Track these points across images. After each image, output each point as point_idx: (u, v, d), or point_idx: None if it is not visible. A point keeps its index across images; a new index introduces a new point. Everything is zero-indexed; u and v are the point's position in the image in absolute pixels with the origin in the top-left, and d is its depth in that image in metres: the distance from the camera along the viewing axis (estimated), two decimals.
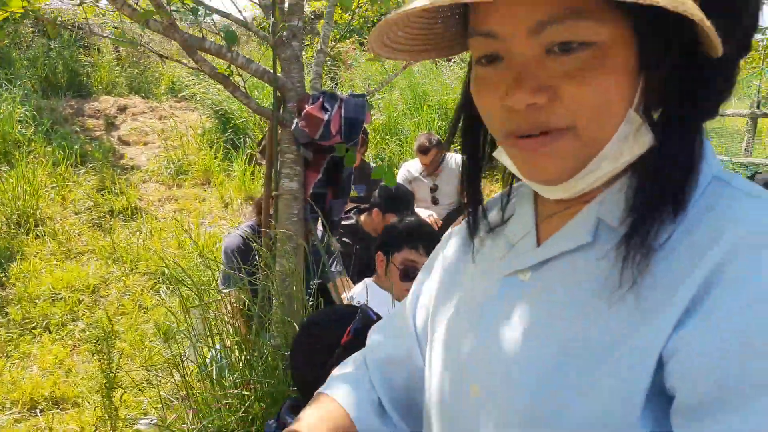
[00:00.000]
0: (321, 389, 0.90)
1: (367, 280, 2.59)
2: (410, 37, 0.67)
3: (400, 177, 4.65)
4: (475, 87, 0.67)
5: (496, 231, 0.79)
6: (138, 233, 5.40)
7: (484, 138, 0.77)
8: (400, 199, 3.41)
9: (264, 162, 2.50)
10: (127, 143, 7.63)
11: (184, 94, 8.69)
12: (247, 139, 7.39)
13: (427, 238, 2.46)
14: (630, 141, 0.62)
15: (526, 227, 0.74)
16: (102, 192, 6.07)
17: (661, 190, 0.60)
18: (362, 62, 8.97)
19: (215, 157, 7.08)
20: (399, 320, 0.93)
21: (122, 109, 8.29)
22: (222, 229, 5.62)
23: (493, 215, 0.81)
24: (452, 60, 8.71)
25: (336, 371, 0.94)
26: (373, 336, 0.95)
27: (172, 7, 2.06)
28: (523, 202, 0.78)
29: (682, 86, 0.61)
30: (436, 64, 8.23)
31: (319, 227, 2.65)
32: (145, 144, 7.67)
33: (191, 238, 3.44)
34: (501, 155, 0.73)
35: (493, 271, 0.75)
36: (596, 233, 0.65)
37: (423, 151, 4.54)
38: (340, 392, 0.87)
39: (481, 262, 0.79)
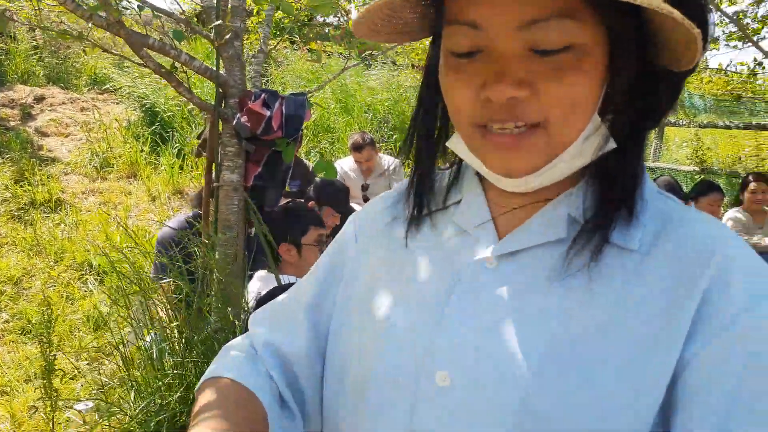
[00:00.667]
0: (214, 372, 0.79)
1: (262, 273, 2.65)
2: (377, 21, 0.66)
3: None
4: (447, 76, 0.66)
5: (435, 215, 0.79)
6: (62, 225, 5.30)
7: (440, 127, 0.77)
8: (336, 193, 3.58)
9: (204, 154, 2.60)
10: (45, 134, 7.40)
11: (108, 86, 8.49)
12: (175, 133, 7.34)
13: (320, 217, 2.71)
14: (589, 143, 0.65)
15: (482, 216, 0.74)
16: (21, 183, 5.90)
17: (620, 190, 0.66)
18: (293, 60, 9.05)
19: (141, 151, 7.00)
20: (289, 306, 0.86)
21: (39, 100, 8.01)
22: (150, 223, 5.59)
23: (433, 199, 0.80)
24: (380, 62, 8.93)
25: (221, 357, 0.83)
26: (259, 323, 0.88)
27: (116, 4, 2.14)
28: (469, 191, 0.77)
29: (638, 96, 0.64)
30: (368, 66, 8.43)
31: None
32: (65, 135, 7.47)
33: (124, 228, 3.46)
34: (456, 146, 0.74)
35: (447, 256, 0.74)
36: (569, 229, 0.68)
37: (357, 148, 4.72)
38: (243, 376, 0.77)
39: (421, 246, 0.78)
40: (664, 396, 0.60)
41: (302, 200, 3.67)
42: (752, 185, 5.02)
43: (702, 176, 7.11)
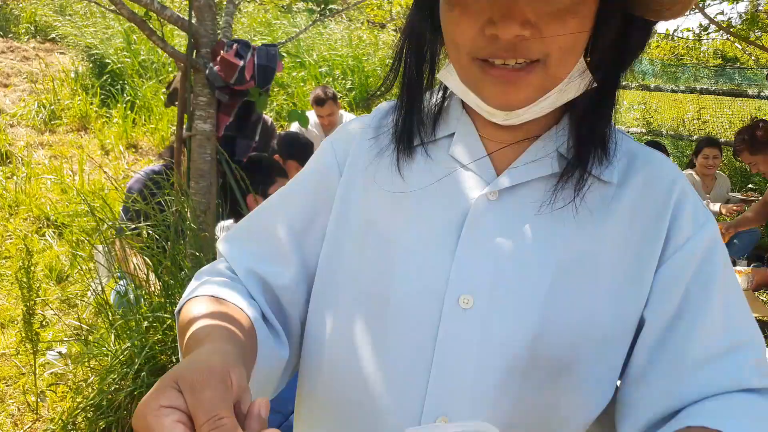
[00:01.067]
0: (195, 292, 0.76)
1: (225, 224, 2.69)
2: None
3: (294, 128, 4.84)
4: (450, 11, 0.69)
5: (427, 147, 0.81)
6: (13, 178, 5.18)
7: (430, 59, 0.80)
8: (300, 147, 3.63)
9: (175, 104, 2.62)
10: None
11: (54, 35, 8.17)
12: (125, 86, 7.17)
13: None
14: (575, 82, 0.72)
15: (478, 152, 0.79)
16: None
17: (596, 129, 0.74)
18: (245, 12, 8.88)
19: (91, 103, 6.83)
20: (272, 235, 0.85)
21: None
22: (104, 176, 5.51)
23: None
24: (343, 18, 8.86)
25: (200, 280, 0.80)
26: (236, 250, 0.85)
27: None
28: (460, 125, 0.81)
29: (615, 41, 0.71)
30: (322, 21, 8.35)
31: None
32: (7, 86, 7.20)
33: (109, 178, 3.42)
34: (447, 78, 0.79)
35: (449, 191, 0.78)
36: (560, 164, 0.75)
37: (319, 102, 4.72)
38: (227, 294, 0.75)
39: (418, 180, 0.80)
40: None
41: (266, 154, 3.71)
42: (705, 150, 5.27)
43: (648, 138, 7.40)
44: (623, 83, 0.77)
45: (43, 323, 2.56)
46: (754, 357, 0.72)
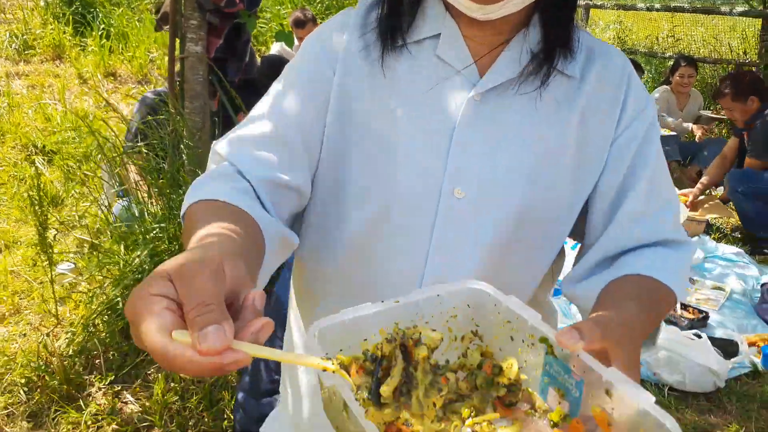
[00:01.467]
0: (201, 196, 0.75)
1: None
2: None
3: (275, 50, 4.88)
4: None
5: (410, 47, 0.87)
6: None
7: None
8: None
9: (165, 28, 2.70)
10: None
11: None
12: (98, 14, 7.05)
13: None
14: None
15: (463, 53, 0.87)
16: None
17: (561, 28, 0.85)
18: None
19: (64, 32, 6.73)
20: (279, 138, 0.86)
21: None
22: (86, 104, 5.53)
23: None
24: None
25: (208, 184, 0.79)
26: (245, 156, 0.84)
27: None
28: (444, 26, 0.87)
29: None
30: None
31: None
32: None
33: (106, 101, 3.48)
34: None
35: (440, 93, 0.86)
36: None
37: (299, 24, 4.74)
38: (234, 198, 0.74)
39: (410, 80, 0.87)
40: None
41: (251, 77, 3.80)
42: (681, 70, 5.40)
43: None
44: (599, 3, 0.92)
45: (56, 237, 2.70)
46: (673, 215, 0.92)
